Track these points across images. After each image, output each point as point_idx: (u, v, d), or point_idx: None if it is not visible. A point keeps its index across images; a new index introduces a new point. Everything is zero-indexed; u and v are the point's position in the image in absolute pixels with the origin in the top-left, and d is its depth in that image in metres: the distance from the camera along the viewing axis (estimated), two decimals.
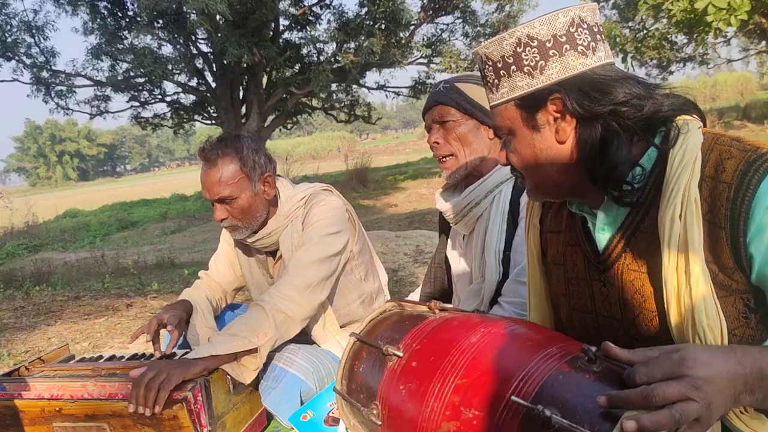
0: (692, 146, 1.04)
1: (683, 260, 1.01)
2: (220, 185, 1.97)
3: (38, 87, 13.84)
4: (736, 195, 0.98)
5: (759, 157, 0.99)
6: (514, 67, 1.10)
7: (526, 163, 1.16)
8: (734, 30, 15.76)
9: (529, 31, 1.08)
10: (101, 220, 16.65)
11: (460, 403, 0.98)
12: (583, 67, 1.07)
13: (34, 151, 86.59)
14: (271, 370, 1.97)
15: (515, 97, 1.12)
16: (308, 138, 70.55)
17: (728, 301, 1.02)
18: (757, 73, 45.40)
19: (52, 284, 6.51)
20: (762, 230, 0.97)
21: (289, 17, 13.95)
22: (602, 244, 1.18)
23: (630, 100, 1.05)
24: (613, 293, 1.16)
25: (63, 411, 1.66)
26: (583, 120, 1.08)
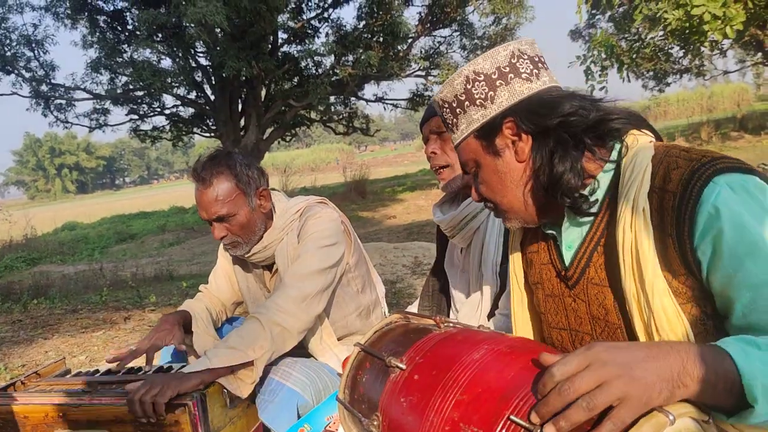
0: (642, 159, 1.10)
1: (637, 268, 1.06)
2: (217, 204, 1.96)
3: (37, 100, 13.86)
4: (680, 203, 1.02)
5: (702, 166, 1.02)
6: (468, 102, 1.20)
7: (494, 189, 1.23)
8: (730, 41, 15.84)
9: (475, 68, 1.18)
10: (100, 232, 16.66)
11: (460, 419, 0.97)
12: (529, 91, 1.16)
13: (33, 164, 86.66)
14: (268, 384, 1.96)
15: (473, 130, 1.21)
16: (307, 150, 70.63)
17: (685, 309, 1.04)
18: (754, 85, 45.64)
19: (50, 297, 6.50)
20: (705, 236, 1.00)
21: (288, 30, 14.01)
22: (569, 260, 1.23)
23: (576, 110, 1.12)
24: (582, 308, 1.21)
25: (67, 416, 1.66)
26: (536, 136, 1.15)
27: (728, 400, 0.85)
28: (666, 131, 23.81)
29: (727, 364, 0.84)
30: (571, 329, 1.26)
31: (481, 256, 1.96)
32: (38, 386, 1.90)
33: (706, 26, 7.55)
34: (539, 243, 1.34)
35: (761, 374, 0.83)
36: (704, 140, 18.66)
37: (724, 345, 0.87)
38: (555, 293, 1.29)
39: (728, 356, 0.85)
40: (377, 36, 13.21)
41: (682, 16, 7.84)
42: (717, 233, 0.98)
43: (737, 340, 0.89)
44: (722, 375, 0.83)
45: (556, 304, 1.29)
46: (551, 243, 1.29)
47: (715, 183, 1.00)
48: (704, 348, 0.86)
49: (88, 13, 12.94)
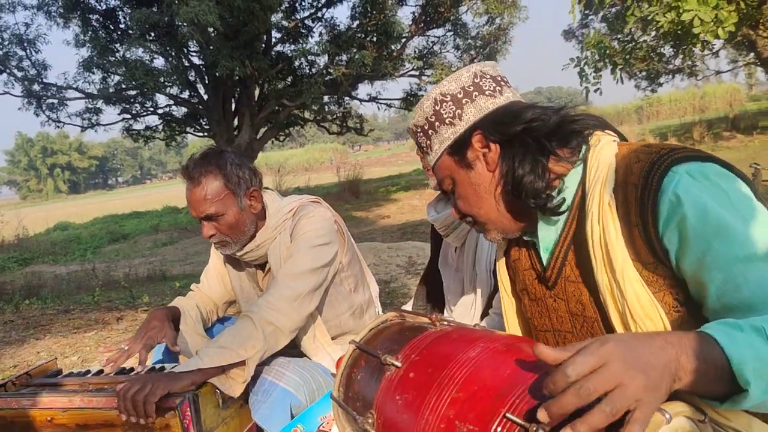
0: (605, 157, 1.15)
1: (608, 260, 1.10)
2: (206, 203, 1.96)
3: (30, 100, 13.78)
4: (642, 194, 1.07)
5: (660, 157, 1.07)
6: (438, 122, 1.27)
7: (470, 202, 1.29)
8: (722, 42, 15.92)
9: (441, 90, 1.26)
10: (92, 232, 16.59)
11: (455, 417, 0.97)
12: (494, 106, 1.23)
13: (25, 164, 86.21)
14: (261, 384, 1.95)
15: (446, 147, 1.27)
16: (300, 150, 70.50)
17: (658, 297, 1.07)
18: (746, 85, 45.88)
19: (42, 298, 6.46)
20: (669, 223, 1.03)
21: (281, 30, 13.98)
22: (546, 261, 1.28)
23: (538, 116, 1.18)
24: (562, 307, 1.26)
25: (54, 421, 1.65)
26: (504, 144, 1.22)
27: (720, 386, 0.85)
28: (658, 131, 23.93)
29: (715, 350, 0.84)
30: (554, 330, 1.29)
31: (476, 255, 1.96)
32: (29, 387, 1.89)
33: (697, 29, 7.58)
34: (520, 250, 1.38)
35: (749, 357, 0.83)
36: (696, 140, 18.73)
37: (709, 331, 0.87)
38: (538, 296, 1.32)
39: (715, 342, 0.85)
40: (371, 35, 13.19)
41: (674, 18, 7.87)
42: (681, 219, 1.02)
43: (720, 324, 0.90)
44: (712, 362, 0.84)
45: (540, 307, 1.32)
46: (531, 249, 1.34)
47: (674, 172, 1.04)
48: (693, 337, 0.86)
49: (80, 12, 12.87)
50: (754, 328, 0.87)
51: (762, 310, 0.94)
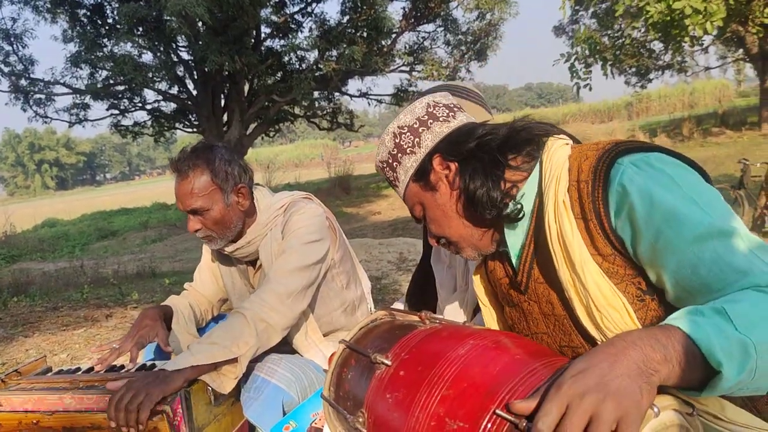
0: (558, 158, 1.20)
1: (567, 255, 1.13)
2: (192, 197, 1.95)
3: (17, 95, 13.66)
4: (592, 188, 1.11)
5: (606, 152, 1.12)
6: (400, 154, 1.34)
7: (441, 223, 1.34)
8: (712, 38, 16.01)
9: (398, 123, 1.35)
10: (80, 229, 16.47)
11: (446, 414, 0.97)
12: (449, 129, 1.31)
13: (12, 159, 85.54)
14: (253, 381, 1.94)
15: (411, 175, 1.34)
16: (291, 146, 70.35)
17: (620, 288, 1.09)
18: (735, 81, 46.16)
19: (30, 295, 6.42)
20: (620, 214, 1.07)
21: (271, 25, 13.92)
22: (516, 267, 1.31)
23: (489, 131, 1.25)
24: (535, 309, 1.28)
25: (41, 423, 1.63)
26: (461, 162, 1.27)
27: (694, 374, 0.85)
28: (648, 127, 24.04)
29: (681, 338, 0.85)
30: (532, 333, 1.32)
31: None
32: (19, 384, 1.87)
33: (687, 20, 7.61)
34: (495, 262, 1.41)
35: (715, 337, 0.84)
36: (686, 136, 18.84)
37: (671, 321, 0.89)
38: (515, 302, 1.35)
39: (679, 330, 0.86)
40: (361, 31, 13.17)
41: (663, 9, 7.90)
42: (629, 209, 1.05)
43: (681, 312, 0.91)
44: (680, 350, 0.84)
45: (518, 313, 1.35)
46: (504, 258, 1.37)
47: (619, 163, 1.08)
48: (654, 330, 0.87)
49: (68, 6, 12.77)
50: (715, 310, 0.88)
51: (721, 290, 0.95)
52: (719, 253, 0.96)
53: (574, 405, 0.79)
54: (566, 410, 0.79)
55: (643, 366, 0.81)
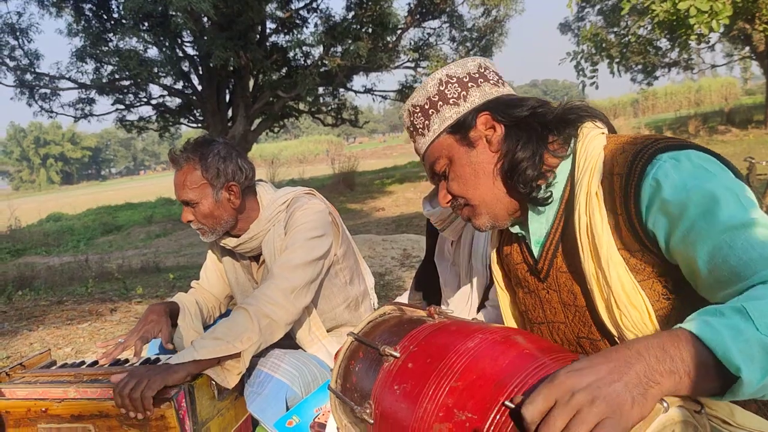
0: (593, 149, 1.18)
1: (593, 248, 1.12)
2: (184, 189, 2.00)
3: (22, 90, 13.70)
4: (625, 182, 1.10)
5: (644, 147, 1.10)
6: (441, 102, 1.29)
7: (467, 182, 1.29)
8: (718, 35, 15.94)
9: (447, 72, 1.30)
10: (85, 224, 16.52)
11: (454, 405, 0.97)
12: (498, 93, 1.28)
13: (17, 154, 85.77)
14: (257, 376, 1.95)
15: (447, 126, 1.28)
16: (295, 141, 70.35)
17: (646, 285, 1.09)
18: (741, 79, 45.98)
19: (35, 289, 6.44)
20: (651, 208, 1.06)
21: (276, 20, 13.92)
22: (537, 254, 1.30)
23: (542, 104, 1.25)
24: (554, 298, 1.28)
25: (49, 411, 1.64)
26: (509, 127, 1.25)
27: (712, 380, 0.82)
28: (654, 125, 23.97)
29: (693, 345, 0.81)
30: (548, 321, 1.31)
31: (471, 249, 1.96)
32: (23, 377, 1.88)
33: (693, 20, 7.57)
34: (512, 245, 1.40)
35: (731, 340, 0.80)
36: (691, 134, 18.77)
37: (685, 325, 0.84)
38: (531, 289, 1.34)
39: (691, 336, 0.82)
40: (366, 27, 13.15)
41: (669, 8, 7.87)
42: (662, 203, 1.04)
43: (698, 314, 0.87)
44: (693, 358, 0.80)
45: (534, 300, 1.34)
46: (522, 243, 1.36)
47: (657, 159, 1.07)
48: (664, 337, 0.83)
49: (73, 1, 12.78)
50: (735, 309, 0.85)
51: (750, 277, 0.92)
52: (750, 242, 0.95)
53: (563, 400, 0.78)
54: (554, 404, 0.78)
55: (643, 378, 0.79)
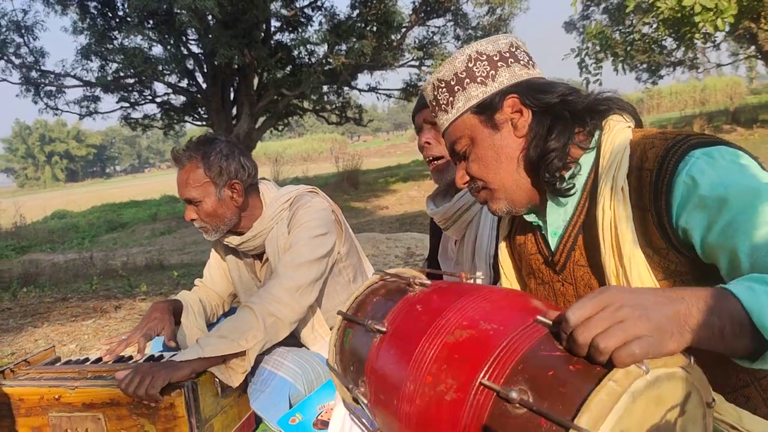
0: (620, 142, 1.14)
1: (616, 245, 1.09)
2: (187, 187, 2.01)
3: (27, 87, 13.71)
4: (656, 178, 1.06)
5: (676, 143, 1.07)
6: (468, 79, 1.24)
7: (488, 164, 1.25)
8: (723, 34, 15.88)
9: (478, 48, 1.24)
10: (90, 221, 16.56)
11: (447, 358, 0.96)
12: (528, 76, 1.23)
13: (22, 151, 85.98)
14: (260, 374, 1.96)
15: (472, 105, 1.24)
16: (299, 140, 70.35)
17: (666, 284, 1.07)
18: (746, 78, 45.79)
19: (39, 286, 6.46)
20: (686, 205, 1.03)
21: (281, 19, 13.91)
22: (554, 245, 1.27)
23: (573, 92, 1.20)
24: (570, 291, 1.25)
25: (62, 399, 1.66)
26: (537, 113, 1.21)
27: (742, 342, 0.83)
28: (659, 124, 23.91)
29: (732, 304, 0.82)
30: None
31: (475, 248, 1.95)
32: (28, 374, 1.89)
33: (698, 17, 7.54)
34: (525, 235, 1.38)
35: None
36: None
37: (729, 285, 0.85)
38: (545, 280, 1.32)
39: (732, 296, 0.83)
40: (371, 25, 13.13)
41: (674, 5, 7.83)
42: (700, 199, 1.01)
43: (745, 279, 0.88)
44: (727, 317, 0.81)
45: (547, 291, 1.32)
46: (537, 233, 1.33)
47: (690, 156, 1.04)
48: (709, 291, 0.84)
49: None
50: None
51: None
52: None
53: (611, 308, 0.79)
54: (601, 311, 0.79)
55: (683, 319, 0.80)
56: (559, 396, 0.79)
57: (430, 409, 0.96)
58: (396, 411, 1.04)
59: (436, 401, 0.96)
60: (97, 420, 1.64)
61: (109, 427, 1.65)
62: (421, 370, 1.00)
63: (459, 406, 0.91)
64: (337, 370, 1.31)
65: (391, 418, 1.07)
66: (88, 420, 1.65)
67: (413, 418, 1.00)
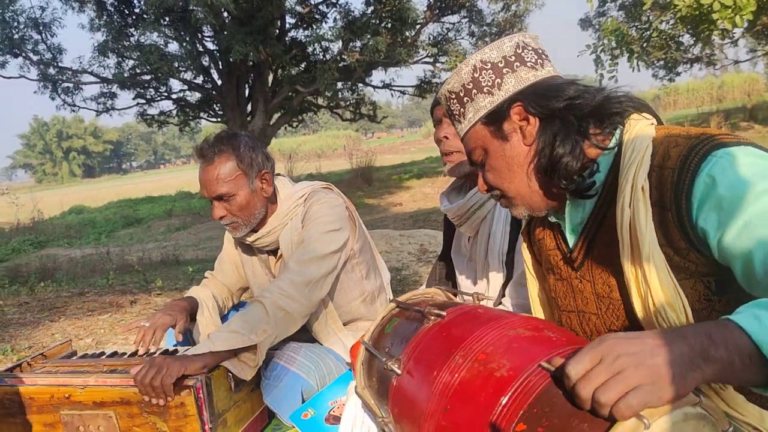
0: (642, 140, 1.12)
1: (635, 244, 1.07)
2: (218, 183, 1.98)
3: (45, 84, 13.87)
4: (678, 177, 1.04)
5: (700, 142, 1.05)
6: (475, 90, 1.23)
7: (502, 175, 1.25)
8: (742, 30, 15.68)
9: (482, 57, 1.23)
10: (107, 216, 16.70)
11: (487, 360, 1.01)
12: (534, 78, 1.21)
13: (40, 147, 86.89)
14: (273, 369, 1.97)
15: (481, 116, 1.24)
16: (313, 136, 70.54)
17: (687, 284, 1.05)
18: (765, 74, 45.18)
19: (56, 280, 6.53)
20: (704, 205, 1.01)
21: (295, 15, 13.94)
22: (573, 242, 1.27)
23: (581, 93, 1.16)
24: (587, 288, 1.24)
25: (72, 398, 1.68)
26: (544, 119, 1.18)
27: (754, 373, 0.82)
28: (676, 121, 23.66)
29: (738, 336, 0.81)
30: (579, 310, 1.28)
31: (488, 245, 1.95)
32: (44, 367, 1.91)
33: (716, 15, 7.45)
34: (545, 230, 1.37)
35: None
36: None
37: (733, 317, 0.84)
38: (563, 276, 1.31)
39: (738, 328, 0.82)
40: (385, 22, 13.12)
41: (692, 3, 7.74)
42: (717, 200, 0.99)
43: (750, 306, 0.86)
44: (736, 350, 0.80)
45: (565, 287, 1.31)
46: (556, 229, 1.33)
47: (713, 156, 1.02)
48: (712, 326, 0.83)
49: None
50: None
51: None
52: None
53: (608, 360, 0.79)
54: (599, 363, 0.80)
55: (687, 360, 0.79)
56: None
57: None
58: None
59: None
60: (108, 418, 1.66)
61: (121, 425, 1.66)
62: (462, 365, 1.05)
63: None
64: (371, 347, 1.37)
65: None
66: (99, 418, 1.67)
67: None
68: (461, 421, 0.98)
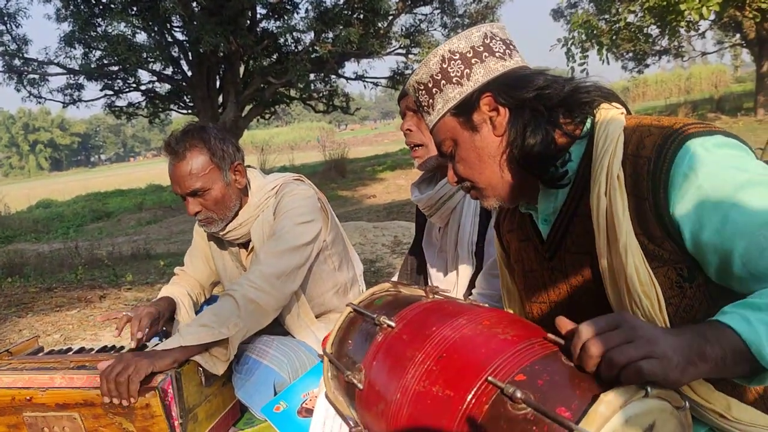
0: (614, 129, 1.12)
1: (612, 233, 1.07)
2: (192, 178, 1.94)
3: (10, 75, 13.52)
4: (655, 167, 1.05)
5: (674, 132, 1.06)
6: (444, 81, 1.22)
7: (472, 166, 1.25)
8: (709, 23, 15.95)
9: (450, 47, 1.22)
10: (75, 210, 16.43)
11: (438, 377, 1.02)
12: (503, 69, 1.20)
13: (6, 140, 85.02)
14: (244, 362, 1.95)
15: (450, 107, 1.23)
16: (286, 128, 70.10)
17: (661, 272, 1.06)
18: (731, 66, 46.09)
19: (24, 276, 6.41)
20: (684, 197, 1.02)
21: (266, 5, 13.78)
22: (545, 233, 1.27)
23: (550, 83, 1.16)
24: (561, 278, 1.24)
25: (33, 400, 1.64)
26: (513, 110, 1.18)
27: (742, 369, 0.88)
28: (644, 112, 23.98)
29: (730, 337, 0.87)
30: (550, 301, 1.29)
31: (458, 236, 1.96)
32: (10, 364, 1.87)
33: (683, 5, 7.56)
34: (515, 221, 1.38)
35: (766, 337, 0.86)
36: None
37: (724, 318, 0.89)
38: (534, 268, 1.32)
39: (730, 329, 0.87)
40: (357, 12, 13.05)
41: None
42: (695, 192, 1.00)
43: (736, 306, 0.91)
44: (729, 349, 0.86)
45: (536, 279, 1.32)
46: (528, 220, 1.33)
47: (688, 146, 1.02)
48: (707, 327, 0.89)
49: None
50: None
51: None
52: None
53: (625, 327, 0.85)
54: (616, 329, 0.85)
55: (687, 353, 0.84)
56: (560, 400, 0.83)
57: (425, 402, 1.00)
58: (389, 405, 1.08)
59: (431, 397, 1.00)
60: (73, 419, 1.63)
61: (86, 425, 1.63)
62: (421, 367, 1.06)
63: (457, 402, 0.94)
64: (333, 358, 1.35)
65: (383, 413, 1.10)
66: (63, 419, 1.64)
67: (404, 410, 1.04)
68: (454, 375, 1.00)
